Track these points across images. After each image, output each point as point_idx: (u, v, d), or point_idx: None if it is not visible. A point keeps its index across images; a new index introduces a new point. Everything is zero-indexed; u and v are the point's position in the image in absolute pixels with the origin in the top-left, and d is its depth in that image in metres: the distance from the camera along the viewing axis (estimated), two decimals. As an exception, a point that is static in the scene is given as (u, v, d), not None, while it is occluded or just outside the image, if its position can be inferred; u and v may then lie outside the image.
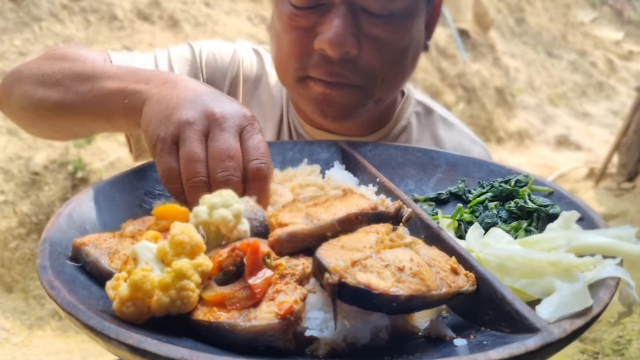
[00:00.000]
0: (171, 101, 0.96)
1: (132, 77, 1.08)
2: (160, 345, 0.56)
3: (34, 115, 1.23)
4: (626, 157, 7.23)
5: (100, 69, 1.14)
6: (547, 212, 0.99)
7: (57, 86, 1.15)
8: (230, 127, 0.93)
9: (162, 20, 6.43)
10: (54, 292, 0.66)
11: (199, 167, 0.89)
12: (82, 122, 1.17)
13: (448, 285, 0.70)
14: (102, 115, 1.10)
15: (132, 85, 1.05)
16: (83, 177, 4.65)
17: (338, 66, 1.21)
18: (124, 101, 1.04)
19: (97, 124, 1.15)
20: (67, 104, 1.14)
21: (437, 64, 9.10)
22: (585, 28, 13.79)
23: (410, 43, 1.28)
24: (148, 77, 1.07)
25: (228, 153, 0.90)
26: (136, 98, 1.02)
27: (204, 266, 0.70)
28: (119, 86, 1.06)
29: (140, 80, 1.06)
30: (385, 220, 0.85)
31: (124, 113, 1.05)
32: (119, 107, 1.05)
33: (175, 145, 0.92)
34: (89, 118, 1.14)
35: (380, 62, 1.24)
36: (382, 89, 1.30)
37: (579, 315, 0.65)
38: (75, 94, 1.12)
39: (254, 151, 0.93)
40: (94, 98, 1.10)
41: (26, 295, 4.12)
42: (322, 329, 0.68)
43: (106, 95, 1.08)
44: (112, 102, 1.06)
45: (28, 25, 5.46)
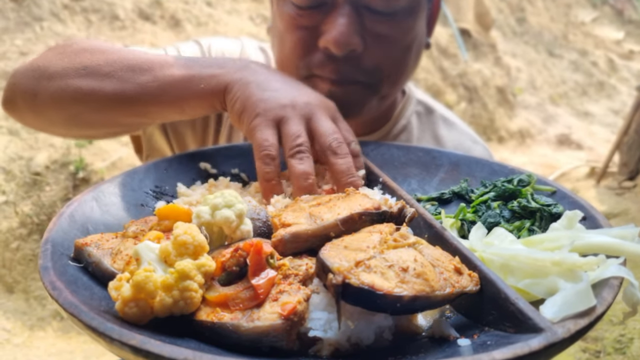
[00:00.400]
0: (262, 84, 1.06)
1: (199, 64, 1.12)
2: (163, 346, 0.56)
3: (82, 109, 1.17)
4: (627, 156, 7.22)
5: (155, 59, 1.14)
6: (550, 212, 0.98)
7: (109, 78, 1.13)
8: (325, 112, 1.07)
9: (164, 20, 6.43)
10: (56, 292, 0.66)
11: (302, 140, 1.00)
12: (145, 112, 1.16)
13: (452, 285, 0.70)
14: (172, 103, 1.12)
15: (206, 70, 1.10)
16: (84, 177, 4.65)
17: (343, 64, 1.22)
18: (199, 86, 1.08)
19: (163, 111, 1.15)
20: (127, 95, 1.12)
21: (438, 63, 9.09)
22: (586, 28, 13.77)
23: (414, 40, 1.29)
24: (218, 63, 1.13)
25: (333, 129, 1.05)
26: (214, 82, 1.08)
27: (207, 267, 0.70)
28: (189, 72, 1.10)
29: (211, 66, 1.12)
30: (388, 220, 0.84)
31: (200, 97, 1.09)
32: (194, 92, 1.09)
33: (275, 123, 1.02)
34: (156, 108, 1.14)
35: (385, 59, 1.25)
36: (387, 85, 1.31)
37: (582, 315, 0.65)
38: (136, 85, 1.12)
39: (348, 134, 1.09)
40: (160, 86, 1.11)
41: (27, 296, 4.12)
42: (325, 329, 0.67)
43: (175, 83, 1.10)
44: (185, 88, 1.09)
45: (29, 25, 5.46)
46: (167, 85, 1.10)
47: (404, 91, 1.59)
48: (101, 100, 1.14)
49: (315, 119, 1.04)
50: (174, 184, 1.11)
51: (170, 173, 1.13)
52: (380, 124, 1.50)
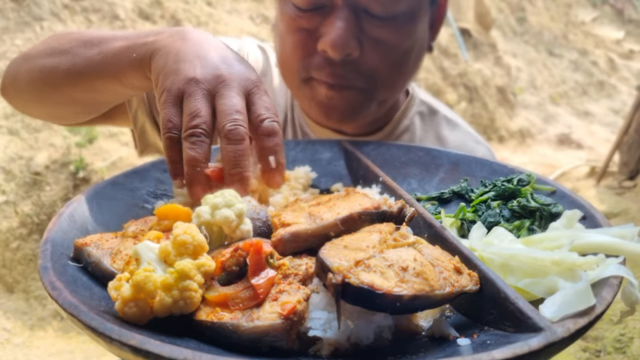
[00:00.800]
0: (179, 54, 0.98)
1: (140, 34, 1.10)
2: (163, 346, 0.56)
3: (43, 86, 1.21)
4: (627, 156, 7.22)
5: (109, 34, 1.15)
6: (549, 211, 0.98)
7: (65, 54, 1.16)
8: (236, 87, 0.95)
9: (164, 19, 6.44)
10: (56, 292, 0.66)
11: (199, 121, 0.90)
12: (93, 86, 1.16)
13: (451, 284, 0.70)
14: (112, 75, 1.10)
15: (141, 39, 1.06)
16: (85, 177, 4.65)
17: (340, 68, 1.21)
18: (132, 55, 1.05)
19: (107, 85, 1.14)
20: (77, 69, 1.13)
21: (439, 63, 9.09)
22: (586, 27, 13.77)
23: (413, 45, 1.28)
24: (156, 31, 1.08)
25: (235, 108, 0.92)
26: (144, 50, 1.03)
27: (207, 266, 0.70)
28: (126, 43, 1.07)
29: (148, 35, 1.07)
30: (388, 220, 0.84)
31: (133, 67, 1.06)
32: (129, 62, 1.06)
33: (179, 100, 0.93)
34: (100, 81, 1.13)
35: (382, 64, 1.24)
36: (385, 90, 1.30)
37: (582, 315, 0.65)
38: (84, 58, 1.13)
39: (264, 110, 0.95)
40: (103, 58, 1.10)
41: (27, 296, 4.12)
42: (325, 329, 0.67)
43: (115, 54, 1.08)
44: (121, 59, 1.07)
45: (29, 24, 5.46)
46: (108, 57, 1.09)
47: (408, 92, 1.59)
48: (57, 76, 1.17)
49: (219, 94, 0.93)
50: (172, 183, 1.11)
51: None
52: (382, 124, 1.50)
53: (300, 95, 1.33)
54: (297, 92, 1.34)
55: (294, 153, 1.26)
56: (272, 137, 0.94)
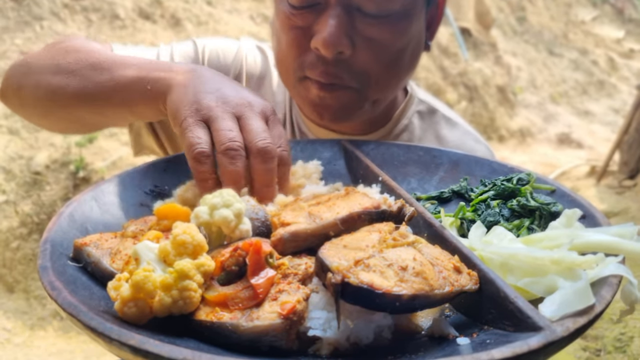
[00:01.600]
0: (198, 88, 1.02)
1: (152, 66, 1.12)
2: (162, 346, 0.56)
3: (50, 105, 1.23)
4: (627, 155, 7.22)
5: (118, 59, 1.16)
6: (549, 210, 0.98)
7: (74, 76, 1.17)
8: (259, 112, 1.01)
9: (164, 19, 6.43)
10: (55, 292, 0.66)
11: (233, 135, 0.94)
12: (102, 111, 1.18)
13: (451, 284, 0.69)
14: (123, 104, 1.12)
15: (154, 73, 1.08)
16: (85, 177, 4.65)
17: (333, 67, 1.21)
18: (146, 87, 1.07)
19: (117, 112, 1.16)
20: (86, 93, 1.15)
21: (439, 62, 9.09)
22: (587, 26, 13.76)
23: (408, 44, 1.27)
24: (169, 66, 1.11)
25: (263, 128, 0.97)
26: (159, 85, 1.06)
27: (206, 266, 0.70)
28: (139, 74, 1.09)
29: (161, 69, 1.10)
30: (388, 219, 0.84)
31: (146, 100, 1.08)
32: (141, 94, 1.08)
33: (204, 123, 0.97)
34: (110, 107, 1.15)
35: (374, 63, 1.23)
36: (377, 90, 1.29)
37: (581, 314, 0.65)
38: (95, 84, 1.14)
39: (278, 139, 1.01)
40: (115, 87, 1.11)
41: (28, 296, 4.12)
42: (325, 328, 0.67)
43: (127, 84, 1.10)
44: (134, 90, 1.09)
45: (29, 24, 5.46)
46: (119, 85, 1.11)
47: (407, 91, 1.57)
48: (66, 97, 1.18)
49: (245, 117, 0.98)
50: (173, 183, 1.11)
51: (170, 173, 1.13)
52: (381, 124, 1.49)
53: (295, 94, 1.33)
54: (292, 91, 1.34)
55: (294, 152, 1.26)
56: (283, 166, 1.01)
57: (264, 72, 1.54)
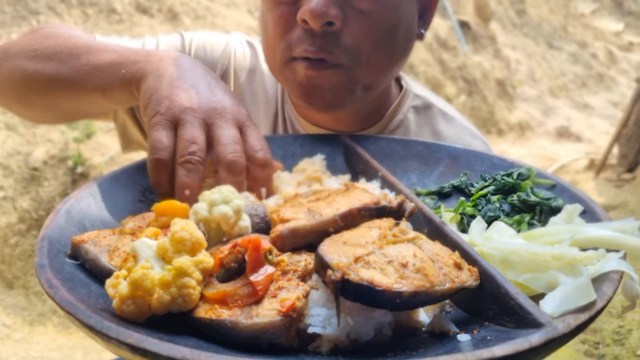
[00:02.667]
0: (173, 80, 0.99)
1: (130, 52, 1.10)
2: (161, 344, 0.55)
3: (26, 91, 1.22)
4: (626, 148, 7.22)
5: (95, 44, 1.14)
6: (549, 205, 0.98)
7: (50, 60, 1.15)
8: (231, 120, 0.98)
9: (162, 13, 6.40)
10: (53, 290, 0.65)
11: (196, 148, 0.91)
12: (75, 97, 1.16)
13: (451, 280, 0.69)
14: (97, 88, 1.10)
15: (131, 57, 1.06)
16: (83, 173, 4.64)
17: (321, 40, 1.15)
18: (121, 71, 1.05)
19: (90, 96, 1.13)
20: (62, 78, 1.13)
21: (438, 56, 9.06)
22: (586, 19, 13.72)
23: (399, 22, 1.22)
24: (146, 52, 1.09)
25: (234, 139, 0.95)
26: (134, 68, 1.04)
27: (205, 263, 0.69)
28: (115, 59, 1.07)
29: (138, 54, 1.08)
30: (387, 215, 0.84)
31: (121, 84, 1.06)
32: (116, 77, 1.06)
33: (173, 125, 0.94)
34: (83, 92, 1.13)
35: (365, 38, 1.18)
36: (368, 71, 1.23)
37: (582, 310, 0.65)
38: (70, 68, 1.12)
39: (257, 142, 0.99)
40: (90, 70, 1.10)
41: (27, 292, 4.12)
42: (325, 325, 0.67)
43: (102, 67, 1.08)
44: (109, 73, 1.07)
45: (26, 18, 5.43)
46: (95, 69, 1.09)
47: (401, 85, 1.54)
48: (41, 82, 1.17)
49: (216, 125, 0.95)
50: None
51: (168, 168, 1.13)
52: (375, 120, 1.45)
53: (282, 80, 1.27)
54: (280, 77, 1.28)
55: (293, 147, 1.25)
56: (265, 169, 0.98)
57: (254, 67, 1.50)
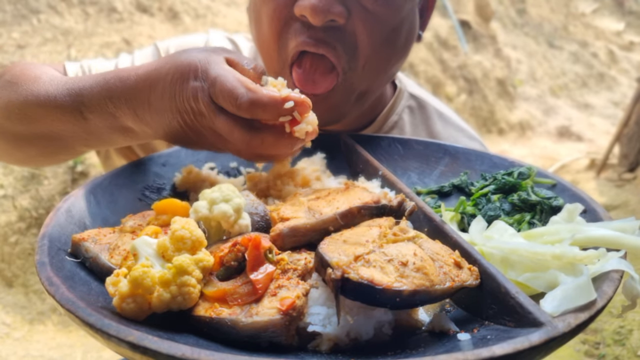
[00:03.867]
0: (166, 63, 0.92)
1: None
2: (161, 342, 0.55)
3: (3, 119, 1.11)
4: (627, 148, 7.21)
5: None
6: (550, 205, 0.98)
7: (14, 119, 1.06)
8: (221, 61, 0.92)
9: (162, 12, 6.39)
10: (53, 288, 0.65)
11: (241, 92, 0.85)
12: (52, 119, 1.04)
13: (452, 279, 0.69)
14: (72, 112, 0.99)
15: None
16: (83, 171, 4.63)
17: (323, 33, 1.07)
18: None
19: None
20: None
21: (438, 55, 9.05)
22: (587, 19, 13.70)
23: (402, 24, 1.17)
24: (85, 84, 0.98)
25: (238, 81, 0.88)
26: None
27: (205, 262, 0.69)
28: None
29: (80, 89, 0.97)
30: (388, 214, 0.84)
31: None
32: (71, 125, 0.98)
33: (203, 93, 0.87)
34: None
35: (368, 38, 1.11)
36: (363, 75, 1.17)
37: (583, 309, 0.65)
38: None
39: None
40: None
41: (27, 290, 4.12)
42: (325, 324, 0.67)
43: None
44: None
45: (26, 17, 5.42)
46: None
47: (395, 85, 1.49)
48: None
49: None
50: (171, 178, 1.11)
51: (168, 167, 1.13)
52: (368, 121, 1.41)
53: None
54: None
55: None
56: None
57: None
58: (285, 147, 0.92)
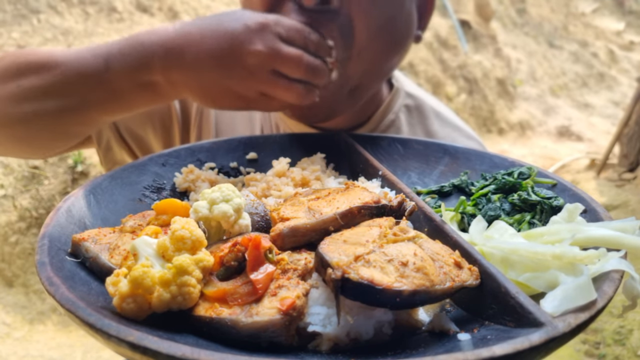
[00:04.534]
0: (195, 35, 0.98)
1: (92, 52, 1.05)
2: (161, 342, 0.55)
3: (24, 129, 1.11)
4: (627, 148, 7.21)
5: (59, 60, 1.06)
6: (550, 205, 0.98)
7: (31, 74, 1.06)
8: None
9: (162, 12, 6.39)
10: (53, 288, 0.65)
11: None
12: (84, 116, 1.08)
13: (452, 279, 0.69)
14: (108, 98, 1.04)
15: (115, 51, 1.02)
16: (83, 171, 4.64)
17: (316, 14, 1.07)
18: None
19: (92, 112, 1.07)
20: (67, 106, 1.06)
21: (438, 55, 9.05)
22: (587, 18, 13.69)
23: (399, 14, 1.16)
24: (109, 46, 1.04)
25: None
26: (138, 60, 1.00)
27: (205, 261, 0.69)
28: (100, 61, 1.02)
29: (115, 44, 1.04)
30: (388, 214, 0.84)
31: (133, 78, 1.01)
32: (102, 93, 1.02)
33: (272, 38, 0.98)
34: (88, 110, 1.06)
35: (363, 22, 1.10)
36: (359, 64, 1.15)
37: (583, 309, 0.65)
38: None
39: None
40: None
41: (27, 290, 4.13)
42: (325, 324, 0.67)
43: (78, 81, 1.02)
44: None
45: (26, 17, 5.42)
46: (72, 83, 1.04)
47: (392, 84, 1.47)
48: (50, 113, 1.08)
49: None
50: (171, 178, 1.11)
51: (168, 167, 1.13)
52: (363, 119, 1.39)
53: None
54: None
55: (290, 147, 1.25)
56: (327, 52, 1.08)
57: None
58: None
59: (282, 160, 1.15)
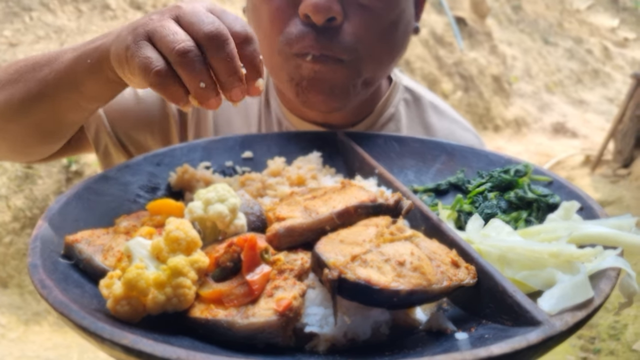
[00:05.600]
0: (138, 29, 0.89)
1: (88, 41, 1.04)
2: (156, 345, 0.55)
3: (4, 124, 1.13)
4: (622, 144, 7.25)
5: (53, 53, 1.10)
6: (546, 202, 0.98)
7: (17, 83, 1.10)
8: (196, 4, 0.88)
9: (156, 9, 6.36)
10: (46, 291, 0.65)
11: (180, 37, 0.81)
12: (53, 107, 1.09)
13: (449, 278, 0.69)
14: (70, 88, 1.04)
15: (90, 45, 1.01)
16: (77, 171, 4.61)
17: (323, 36, 1.14)
18: (86, 62, 0.99)
19: (69, 100, 1.07)
20: (32, 94, 1.08)
21: (434, 52, 9.05)
22: (581, 15, 13.74)
23: (400, 17, 1.22)
24: (104, 35, 1.02)
25: (206, 13, 0.85)
26: (98, 53, 0.97)
27: (200, 262, 0.69)
28: (77, 54, 1.02)
29: (95, 41, 1.01)
30: (384, 213, 0.83)
31: (90, 73, 1.00)
32: (84, 70, 1.00)
33: (147, 41, 0.84)
34: (59, 99, 1.07)
35: (366, 34, 1.17)
36: (370, 64, 1.22)
37: (580, 307, 0.65)
38: (37, 81, 1.07)
39: (233, 21, 0.87)
40: (56, 76, 1.04)
41: (22, 291, 4.10)
42: (322, 324, 0.67)
43: (67, 67, 1.03)
44: (76, 69, 1.02)
45: (18, 15, 5.38)
46: (61, 72, 1.04)
47: (391, 78, 1.52)
48: (13, 107, 1.10)
49: (182, 13, 0.85)
50: (166, 178, 1.10)
51: (163, 167, 1.12)
52: (365, 113, 1.43)
53: (284, 75, 1.23)
54: (281, 74, 1.24)
55: (287, 145, 1.25)
56: (249, 44, 0.86)
57: None
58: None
59: (277, 160, 1.15)
